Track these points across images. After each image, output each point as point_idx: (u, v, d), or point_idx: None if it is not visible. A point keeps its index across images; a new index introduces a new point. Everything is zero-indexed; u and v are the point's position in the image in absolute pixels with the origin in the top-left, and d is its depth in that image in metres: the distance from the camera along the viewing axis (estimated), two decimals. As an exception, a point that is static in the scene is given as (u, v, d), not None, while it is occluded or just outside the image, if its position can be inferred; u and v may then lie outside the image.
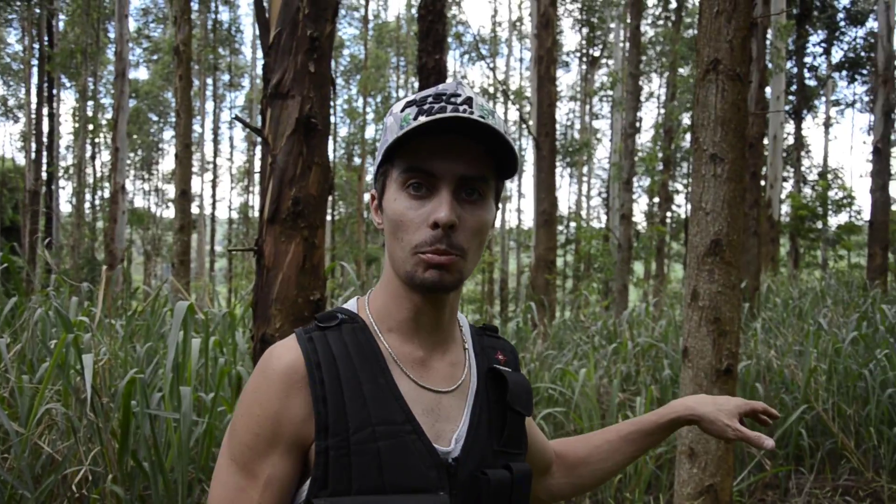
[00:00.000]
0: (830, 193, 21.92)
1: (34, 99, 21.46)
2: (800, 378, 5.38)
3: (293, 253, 2.31)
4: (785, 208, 21.21)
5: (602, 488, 4.71)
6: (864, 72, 26.65)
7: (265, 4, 2.39)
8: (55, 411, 3.14)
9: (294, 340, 1.08)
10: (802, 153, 26.99)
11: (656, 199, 23.33)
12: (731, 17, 3.14)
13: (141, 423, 2.84)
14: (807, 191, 26.05)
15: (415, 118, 1.05)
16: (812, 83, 27.50)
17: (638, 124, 25.24)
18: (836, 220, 21.94)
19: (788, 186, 25.43)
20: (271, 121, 2.33)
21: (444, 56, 6.07)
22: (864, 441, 5.18)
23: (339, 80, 33.84)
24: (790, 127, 25.76)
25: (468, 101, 1.07)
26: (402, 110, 1.09)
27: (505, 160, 1.11)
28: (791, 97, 24.78)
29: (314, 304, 2.35)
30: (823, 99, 28.99)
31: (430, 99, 1.08)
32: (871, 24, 24.71)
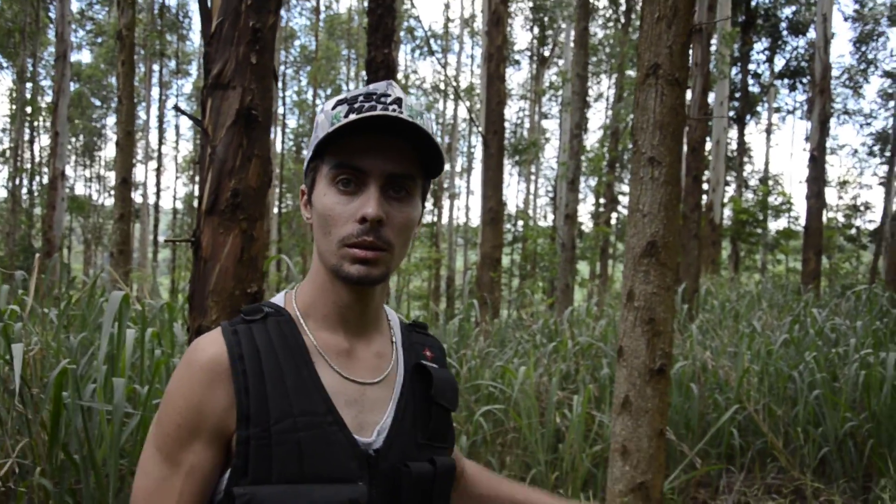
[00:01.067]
0: (770, 199, 22.50)
1: (-29, 79, 20.74)
2: (733, 379, 5.51)
3: (231, 245, 2.29)
4: (727, 212, 21.70)
5: (539, 485, 4.77)
6: (805, 80, 27.36)
7: (207, -7, 2.37)
8: (-18, 402, 3.06)
9: (219, 333, 1.10)
10: (745, 158, 27.60)
11: (602, 200, 23.64)
12: (672, 23, 3.20)
13: (72, 415, 2.78)
14: (748, 195, 26.65)
15: (345, 116, 1.08)
16: (755, 90, 28.14)
17: (586, 125, 25.51)
18: (775, 225, 22.56)
19: (731, 190, 25.98)
20: (211, 111, 2.30)
21: (393, 51, 6.05)
22: (791, 440, 5.34)
23: (290, 72, 33.51)
24: (734, 132, 26.32)
25: (398, 101, 1.11)
26: (334, 108, 1.12)
27: (431, 160, 1.15)
28: (735, 103, 25.31)
29: (251, 297, 2.34)
30: (766, 105, 29.68)
31: (360, 98, 1.11)
32: (812, 34, 25.40)
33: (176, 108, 2.36)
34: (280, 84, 31.26)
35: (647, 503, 3.38)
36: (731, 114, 25.11)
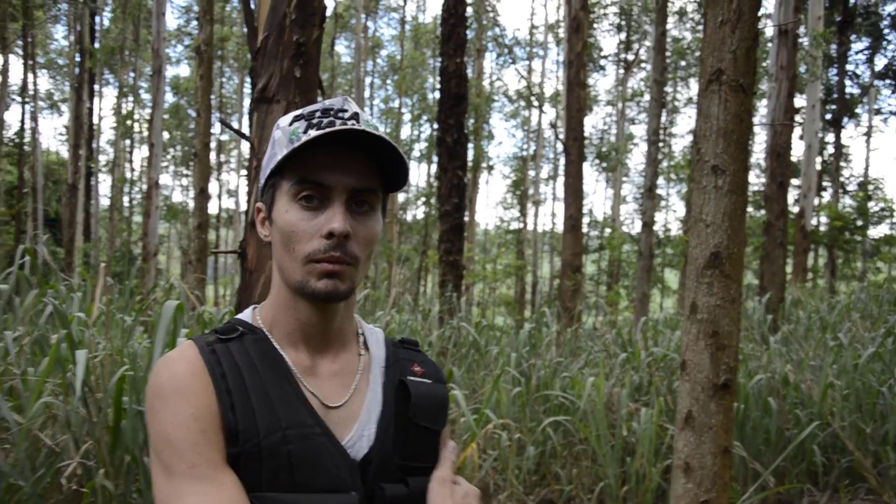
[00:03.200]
0: (870, 204, 21.49)
1: (76, 94, 21.85)
2: (816, 393, 5.28)
3: (276, 256, 2.32)
4: (823, 218, 20.86)
5: (608, 498, 4.67)
6: (909, 81, 26.09)
7: (253, 8, 2.41)
8: (55, 405, 3.20)
9: (195, 353, 1.08)
10: (842, 162, 26.47)
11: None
12: (736, 27, 3.09)
13: (130, 420, 2.88)
14: (846, 201, 25.55)
15: (304, 132, 1.09)
16: (854, 91, 26.97)
17: (673, 130, 24.99)
18: (875, 232, 21.53)
19: (827, 196, 24.97)
20: (257, 125, 2.34)
21: (464, 59, 6.06)
22: (882, 460, 5.07)
23: (377, 81, 34.00)
24: (830, 136, 25.29)
25: (355, 116, 1.12)
26: (291, 124, 1.13)
27: (392, 173, 1.15)
28: (832, 106, 24.33)
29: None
30: (866, 107, 28.40)
31: (317, 113, 1.12)
32: (917, 32, 24.21)
33: (221, 121, 2.42)
34: (367, 93, 31.76)
35: (712, 521, 3.27)
36: (828, 117, 24.15)
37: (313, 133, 1.07)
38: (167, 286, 4.69)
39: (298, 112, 1.14)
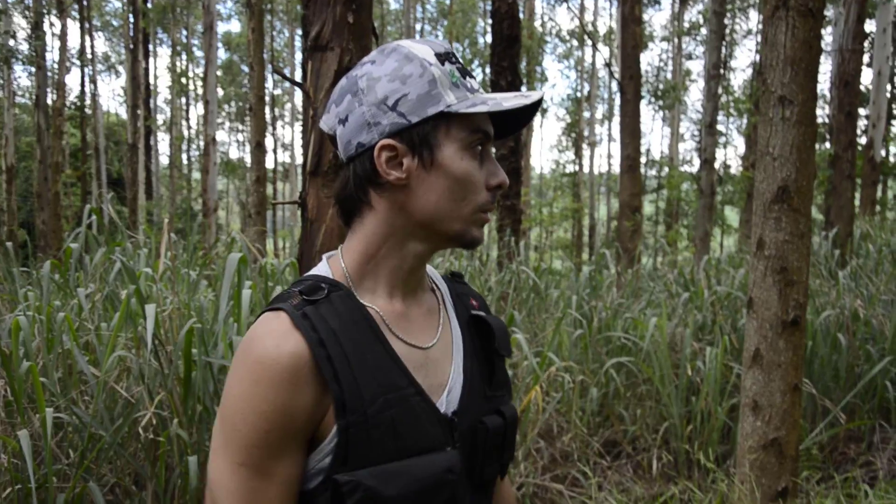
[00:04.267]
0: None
1: (132, 55, 22.14)
2: (888, 328, 5.13)
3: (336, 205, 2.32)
4: (893, 149, 20.11)
5: (673, 437, 4.66)
6: None
7: (302, -45, 2.38)
8: (128, 358, 3.30)
9: (287, 323, 1.00)
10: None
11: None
12: (802, -52, 2.95)
13: (200, 371, 2.95)
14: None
15: (461, 77, 1.09)
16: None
17: (727, 64, 24.19)
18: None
19: (897, 125, 23.99)
20: (312, 73, 2.33)
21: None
22: (958, 394, 4.94)
23: (427, 27, 33.61)
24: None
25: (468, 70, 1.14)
26: (443, 63, 1.08)
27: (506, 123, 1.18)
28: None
29: (357, 256, 2.37)
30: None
31: (454, 58, 1.11)
32: None
33: (276, 70, 2.41)
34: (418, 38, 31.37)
35: (781, 459, 3.23)
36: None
37: (474, 83, 1.11)
38: (228, 240, 4.77)
39: (438, 50, 1.09)
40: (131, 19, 22.06)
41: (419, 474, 1.01)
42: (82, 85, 22.70)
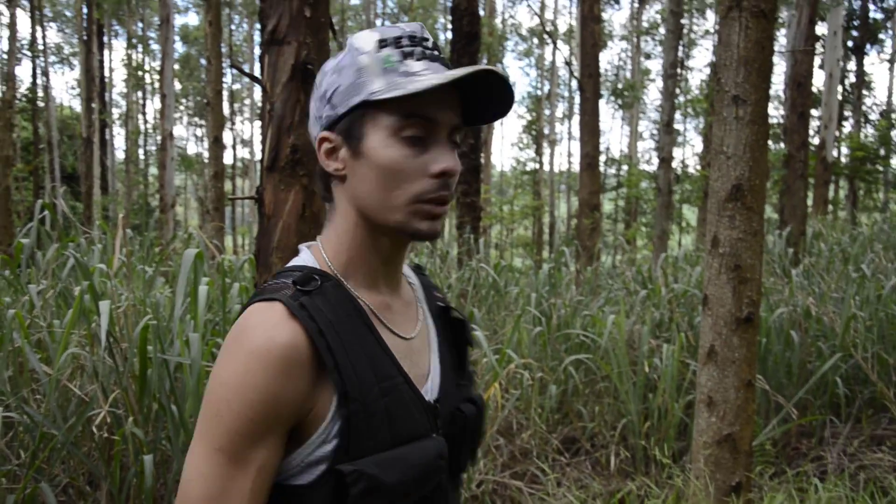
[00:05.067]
0: (893, 133, 21.11)
1: (86, 47, 21.72)
2: (839, 325, 5.25)
3: (292, 201, 2.30)
4: (844, 149, 20.53)
5: (631, 434, 4.71)
6: (935, 4, 25.28)
7: (259, -52, 2.36)
8: (82, 356, 3.24)
9: (283, 313, 0.99)
10: (864, 91, 25.90)
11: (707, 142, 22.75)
12: (756, -49, 2.99)
13: (155, 369, 2.91)
14: (868, 130, 25.06)
15: (400, 61, 1.03)
16: (878, 16, 26.20)
17: (690, 63, 24.52)
18: (898, 162, 21.19)
19: (849, 126, 24.51)
20: (268, 67, 2.30)
21: (477, -3, 5.93)
22: (904, 390, 5.06)
23: (386, 22, 33.52)
24: (853, 64, 24.68)
25: (435, 45, 1.07)
26: (379, 50, 1.04)
27: (484, 109, 1.11)
28: (854, 32, 23.70)
29: (315, 253, 2.35)
30: (891, 33, 27.62)
31: (405, 41, 1.05)
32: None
33: (233, 64, 2.38)
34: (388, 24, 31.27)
35: (735, 455, 3.29)
36: (849, 44, 23.56)
37: (416, 64, 1.02)
38: (186, 236, 4.70)
39: (379, 36, 1.05)
40: (84, 10, 21.63)
41: (414, 461, 1.02)
42: (34, 77, 22.22)
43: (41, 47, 23.08)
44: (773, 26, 3.10)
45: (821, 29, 14.39)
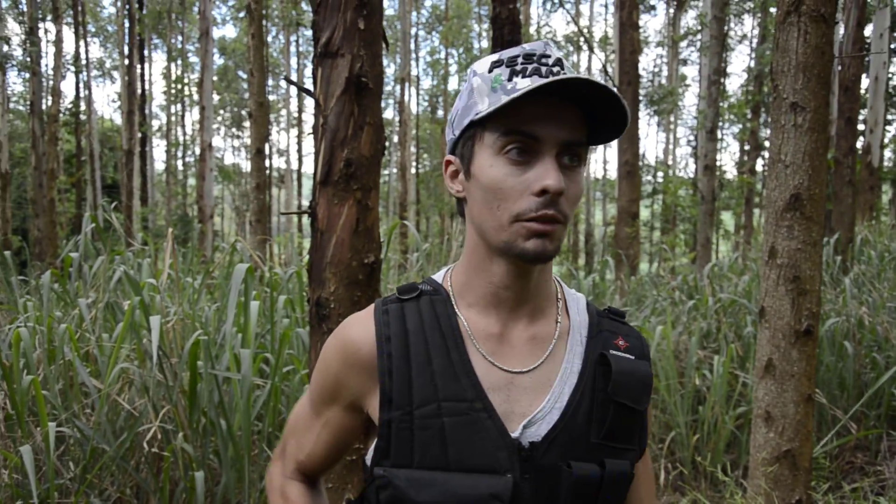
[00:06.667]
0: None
1: (127, 61, 22.07)
2: (893, 336, 5.10)
3: (346, 215, 2.27)
4: (888, 154, 20.12)
5: (680, 447, 4.61)
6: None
7: (312, -39, 2.34)
8: (132, 370, 3.24)
9: (370, 312, 1.11)
10: (909, 94, 25.36)
11: (746, 147, 22.46)
12: (815, -46, 2.91)
13: (206, 384, 2.89)
14: (913, 135, 24.51)
15: (508, 79, 1.00)
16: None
17: (725, 69, 24.25)
18: (944, 166, 20.71)
19: (893, 129, 24.02)
20: (322, 81, 2.28)
21: (517, 5, 5.88)
22: (964, 402, 4.90)
23: (422, 32, 33.64)
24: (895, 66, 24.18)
25: (559, 62, 1.02)
26: (490, 70, 1.03)
27: (600, 125, 1.05)
28: (897, 35, 23.22)
29: (368, 268, 2.32)
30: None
31: (520, 59, 1.02)
32: None
33: (286, 79, 2.35)
34: (413, 45, 31.47)
35: (795, 471, 3.19)
36: (894, 46, 23.12)
37: (523, 81, 0.98)
38: (230, 248, 4.71)
39: (496, 57, 1.04)
40: (126, 25, 21.98)
41: (458, 490, 0.98)
42: (77, 91, 22.60)
43: (84, 62, 23.50)
44: (833, 31, 3.01)
45: (866, 31, 14.13)
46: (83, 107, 23.59)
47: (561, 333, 1.11)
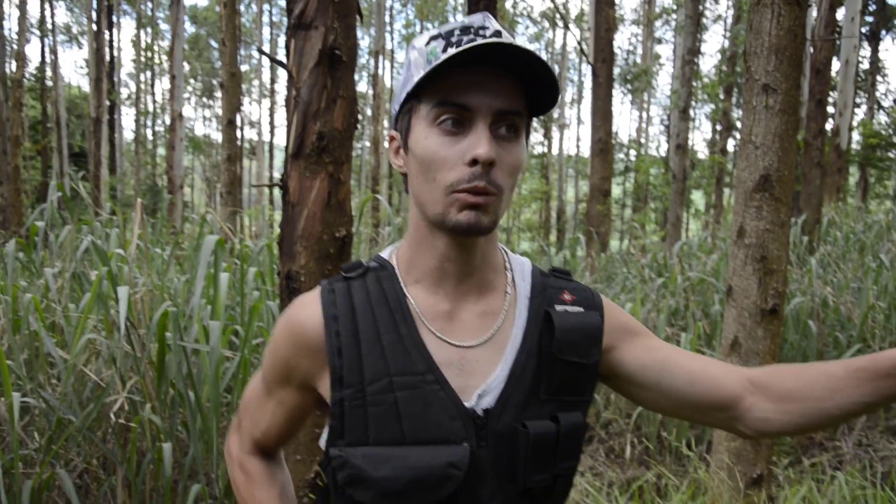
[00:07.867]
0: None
1: (95, 27, 21.63)
2: (856, 315, 5.20)
3: (318, 189, 2.25)
4: (856, 136, 20.38)
5: (646, 422, 4.68)
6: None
7: (286, -71, 2.30)
8: (99, 341, 3.21)
9: (317, 293, 1.09)
10: (878, 78, 25.67)
11: (718, 127, 22.62)
12: (790, -65, 2.92)
13: (174, 356, 2.88)
14: (881, 118, 24.85)
15: (443, 51, 0.99)
16: (893, 2, 25.89)
17: (699, 49, 24.35)
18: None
19: (861, 113, 24.30)
20: (295, 53, 2.25)
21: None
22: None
23: (397, 5, 33.33)
24: (866, 51, 24.43)
25: (497, 33, 1.00)
26: (427, 44, 1.02)
27: (539, 94, 1.02)
28: (869, 17, 23.44)
29: (340, 241, 2.31)
30: (904, 20, 27.29)
31: (456, 31, 1.00)
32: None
33: (259, 50, 2.32)
34: (388, 18, 31.18)
35: (756, 447, 3.25)
36: (865, 30, 23.34)
37: (453, 51, 0.95)
38: (200, 219, 4.66)
39: (435, 32, 1.03)
40: (94, -11, 21.52)
41: (416, 463, 0.98)
42: (42, 56, 22.16)
43: (50, 26, 23.00)
44: (805, 14, 3.03)
45: (838, 15, 14.23)
46: (49, 72, 23.13)
47: (510, 304, 1.10)
